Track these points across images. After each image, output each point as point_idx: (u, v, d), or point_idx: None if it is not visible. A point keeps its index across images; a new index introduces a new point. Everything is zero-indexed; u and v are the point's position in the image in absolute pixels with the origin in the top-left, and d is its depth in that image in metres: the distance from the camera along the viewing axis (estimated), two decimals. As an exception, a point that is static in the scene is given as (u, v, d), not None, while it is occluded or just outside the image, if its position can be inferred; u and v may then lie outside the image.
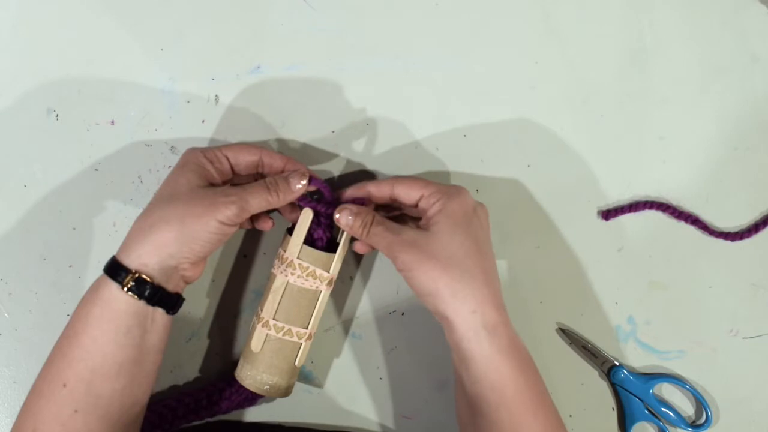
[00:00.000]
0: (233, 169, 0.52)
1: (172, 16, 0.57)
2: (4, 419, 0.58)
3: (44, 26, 0.57)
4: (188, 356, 0.58)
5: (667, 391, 0.61)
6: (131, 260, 0.47)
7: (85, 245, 0.58)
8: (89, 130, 0.57)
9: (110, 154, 0.57)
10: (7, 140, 0.57)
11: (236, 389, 0.56)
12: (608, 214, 0.59)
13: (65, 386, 0.46)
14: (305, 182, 0.51)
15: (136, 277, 0.46)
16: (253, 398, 0.57)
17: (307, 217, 0.52)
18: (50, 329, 0.54)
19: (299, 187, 0.51)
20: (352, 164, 0.58)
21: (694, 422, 0.60)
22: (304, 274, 0.52)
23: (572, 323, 0.60)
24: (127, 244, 0.48)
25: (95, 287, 0.48)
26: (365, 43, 0.58)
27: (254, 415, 0.59)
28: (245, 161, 0.52)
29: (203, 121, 0.58)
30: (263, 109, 0.58)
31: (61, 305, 0.57)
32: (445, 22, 0.58)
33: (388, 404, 0.60)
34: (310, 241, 0.53)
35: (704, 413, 0.60)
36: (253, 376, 0.52)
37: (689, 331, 0.60)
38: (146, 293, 0.46)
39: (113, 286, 0.46)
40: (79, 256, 0.58)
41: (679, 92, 0.60)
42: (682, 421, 0.60)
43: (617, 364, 0.59)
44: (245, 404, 0.57)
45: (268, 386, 0.52)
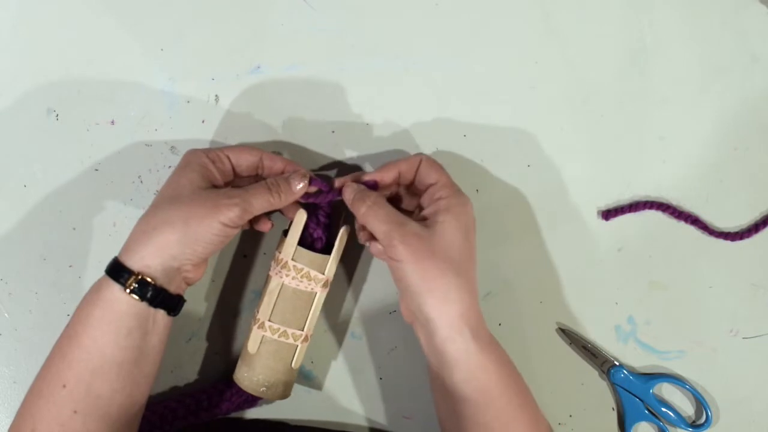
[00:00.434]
0: (235, 170, 0.52)
1: (172, 16, 0.57)
2: (3, 419, 0.58)
3: (44, 26, 0.57)
4: (188, 356, 0.58)
5: (667, 391, 0.61)
6: (134, 262, 0.47)
7: (85, 245, 0.58)
8: (89, 130, 0.57)
9: (110, 154, 0.57)
10: (7, 140, 0.57)
11: (236, 391, 0.56)
12: (608, 214, 0.59)
13: (65, 387, 0.46)
14: (305, 183, 0.51)
15: (138, 278, 0.46)
16: (253, 400, 0.57)
17: (301, 218, 0.52)
18: (50, 329, 0.54)
19: (300, 187, 0.51)
20: (352, 164, 0.58)
21: (694, 422, 0.60)
22: (298, 275, 0.51)
23: (572, 323, 0.60)
24: (129, 245, 0.48)
25: (96, 288, 0.48)
26: (365, 43, 0.58)
27: (255, 415, 0.59)
28: (246, 162, 0.52)
29: (203, 121, 0.58)
30: (263, 109, 0.58)
31: (61, 305, 0.57)
32: (445, 22, 0.58)
33: (388, 404, 0.60)
34: (309, 241, 0.53)
35: (704, 413, 0.60)
36: (250, 377, 0.52)
37: (689, 331, 0.60)
38: (149, 295, 0.46)
39: (115, 287, 0.46)
40: (79, 256, 0.58)
41: (679, 92, 0.60)
42: (682, 421, 0.60)
43: (617, 364, 0.59)
44: (245, 406, 0.57)
45: (264, 388, 0.52)
